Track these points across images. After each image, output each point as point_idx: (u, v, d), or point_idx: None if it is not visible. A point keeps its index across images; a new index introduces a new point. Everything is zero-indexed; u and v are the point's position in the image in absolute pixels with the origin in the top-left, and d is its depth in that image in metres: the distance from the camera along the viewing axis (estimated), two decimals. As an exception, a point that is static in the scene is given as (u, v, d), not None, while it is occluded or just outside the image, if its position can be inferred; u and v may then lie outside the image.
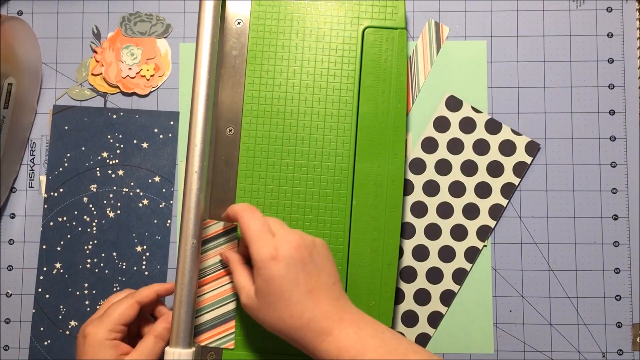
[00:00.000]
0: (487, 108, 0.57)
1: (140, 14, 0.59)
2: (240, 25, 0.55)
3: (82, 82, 0.59)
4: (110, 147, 0.58)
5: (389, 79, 0.54)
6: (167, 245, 0.57)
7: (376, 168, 0.54)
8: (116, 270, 0.57)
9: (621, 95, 0.57)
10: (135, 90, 0.58)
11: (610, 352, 0.56)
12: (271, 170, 0.54)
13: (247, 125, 0.54)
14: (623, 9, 0.58)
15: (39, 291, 0.57)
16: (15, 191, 0.58)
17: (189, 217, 0.48)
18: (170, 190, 0.57)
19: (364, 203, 0.53)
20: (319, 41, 0.54)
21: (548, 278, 0.56)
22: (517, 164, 0.57)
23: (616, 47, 0.58)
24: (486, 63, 0.58)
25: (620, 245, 0.57)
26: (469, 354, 0.56)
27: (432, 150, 0.57)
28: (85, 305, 0.56)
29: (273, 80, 0.54)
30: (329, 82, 0.54)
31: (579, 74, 0.58)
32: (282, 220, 0.54)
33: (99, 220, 0.57)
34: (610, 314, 0.56)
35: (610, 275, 0.56)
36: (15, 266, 0.57)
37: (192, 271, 0.47)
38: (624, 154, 0.57)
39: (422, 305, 0.56)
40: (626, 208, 0.57)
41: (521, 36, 0.58)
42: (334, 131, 0.54)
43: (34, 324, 0.56)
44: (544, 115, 0.57)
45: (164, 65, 0.58)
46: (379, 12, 0.55)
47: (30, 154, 0.58)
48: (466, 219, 0.56)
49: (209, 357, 0.52)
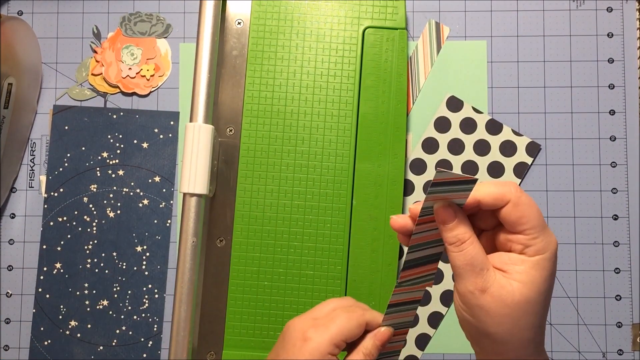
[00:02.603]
0: (487, 108, 0.57)
1: (140, 14, 0.59)
2: (241, 25, 0.55)
3: (82, 82, 0.59)
4: (110, 147, 0.58)
5: (389, 79, 0.54)
6: (167, 245, 0.57)
7: (376, 168, 0.54)
8: (116, 270, 0.57)
9: (621, 95, 0.57)
10: (135, 90, 0.58)
11: (610, 352, 0.56)
12: (271, 170, 0.54)
13: (247, 125, 0.54)
14: (623, 9, 0.58)
15: (39, 291, 0.57)
16: (15, 191, 0.58)
17: (189, 216, 0.48)
18: (170, 190, 0.57)
19: (364, 203, 0.53)
20: (319, 41, 0.54)
21: (548, 278, 0.56)
22: (518, 164, 0.57)
23: (616, 47, 0.58)
24: (486, 63, 0.58)
25: (620, 245, 0.57)
26: (469, 354, 0.56)
27: (433, 151, 0.57)
28: (85, 305, 0.56)
29: (273, 80, 0.54)
30: (329, 82, 0.54)
31: (579, 74, 0.58)
32: (282, 220, 0.54)
33: (99, 220, 0.57)
34: (610, 314, 0.56)
35: (610, 275, 0.56)
36: (15, 266, 0.57)
37: (192, 270, 0.47)
38: (624, 154, 0.57)
39: (422, 306, 0.56)
40: (626, 208, 0.57)
41: (521, 36, 0.58)
42: (334, 131, 0.54)
43: (34, 324, 0.56)
44: (544, 115, 0.57)
45: (164, 65, 0.58)
46: (379, 13, 0.55)
47: (30, 154, 0.58)
48: (466, 219, 0.56)
49: (209, 357, 0.52)
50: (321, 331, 0.37)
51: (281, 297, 0.53)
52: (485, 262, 0.33)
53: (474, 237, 0.33)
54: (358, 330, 0.38)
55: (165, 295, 0.56)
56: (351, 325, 0.38)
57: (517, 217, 0.32)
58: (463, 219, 0.34)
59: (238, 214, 0.53)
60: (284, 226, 0.53)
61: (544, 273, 0.32)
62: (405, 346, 0.55)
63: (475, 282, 0.32)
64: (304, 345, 0.37)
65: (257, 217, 0.53)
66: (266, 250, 0.53)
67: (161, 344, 0.56)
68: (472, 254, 0.33)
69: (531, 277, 0.32)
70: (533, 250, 0.32)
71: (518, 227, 0.33)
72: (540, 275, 0.32)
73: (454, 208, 0.33)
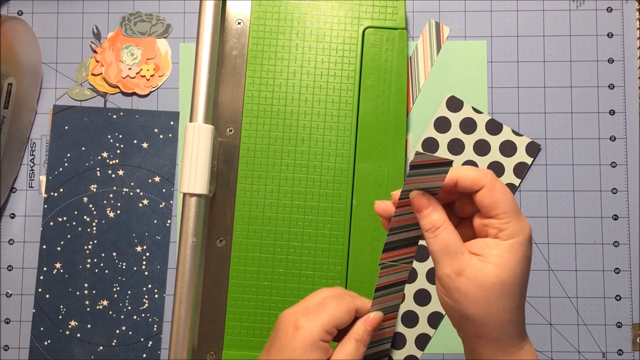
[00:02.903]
0: (487, 108, 0.57)
1: (140, 14, 0.59)
2: (241, 25, 0.55)
3: (82, 82, 0.59)
4: (110, 147, 0.58)
5: (389, 79, 0.54)
6: (167, 245, 0.57)
7: (376, 168, 0.54)
8: (116, 270, 0.57)
9: (621, 95, 0.57)
10: (135, 90, 0.58)
11: (610, 352, 0.56)
12: (271, 170, 0.54)
13: (247, 125, 0.54)
14: (623, 9, 0.58)
15: (39, 291, 0.57)
16: (15, 191, 0.58)
17: (189, 216, 0.48)
18: (170, 190, 0.57)
19: (364, 203, 0.53)
20: (319, 41, 0.54)
21: (548, 278, 0.56)
22: (518, 164, 0.57)
23: (616, 47, 0.58)
24: (486, 63, 0.58)
25: (620, 245, 0.56)
26: (469, 354, 0.56)
27: (433, 151, 0.57)
28: (85, 305, 0.56)
29: (273, 80, 0.54)
30: (329, 82, 0.54)
31: (579, 74, 0.58)
32: (282, 220, 0.54)
33: (99, 220, 0.57)
34: (610, 314, 0.56)
35: (610, 275, 0.56)
36: (15, 266, 0.57)
37: (192, 270, 0.47)
38: (624, 154, 0.57)
39: (422, 306, 0.56)
40: (626, 208, 0.57)
41: (521, 36, 0.58)
42: (334, 131, 0.54)
43: (34, 324, 0.56)
44: (544, 115, 0.57)
45: (164, 65, 0.58)
46: (379, 13, 0.55)
47: (30, 154, 0.58)
48: (466, 219, 0.56)
49: (209, 357, 0.52)
50: (312, 319, 0.38)
51: (281, 297, 0.53)
52: (459, 246, 0.35)
53: (448, 223, 0.35)
54: (348, 317, 0.39)
55: (165, 295, 0.56)
56: (341, 312, 0.39)
57: (491, 202, 0.34)
58: (437, 206, 0.35)
59: (238, 214, 0.53)
60: (284, 226, 0.53)
61: (518, 256, 0.34)
62: (406, 346, 0.55)
63: (452, 266, 0.34)
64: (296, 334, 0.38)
65: (257, 217, 0.53)
66: (266, 250, 0.53)
67: (161, 344, 0.56)
68: (446, 239, 0.35)
69: (505, 260, 0.34)
70: (507, 234, 0.34)
71: (492, 211, 0.34)
72: (514, 258, 0.34)
73: (427, 197, 0.35)
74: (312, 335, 0.38)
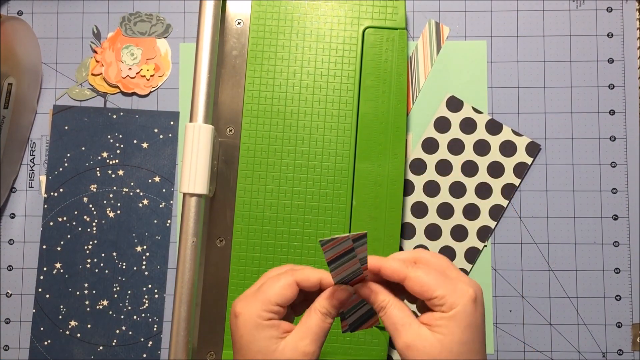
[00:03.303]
0: (487, 108, 0.57)
1: (140, 14, 0.59)
2: (241, 25, 0.55)
3: (82, 82, 0.59)
4: (110, 147, 0.58)
5: (389, 79, 0.54)
6: (167, 245, 0.57)
7: (376, 168, 0.54)
8: (116, 270, 0.57)
9: (621, 95, 0.57)
10: (135, 90, 0.58)
11: (610, 352, 0.56)
12: (271, 170, 0.54)
13: (247, 125, 0.54)
14: (623, 9, 0.58)
15: (39, 291, 0.57)
16: (15, 191, 0.58)
17: (189, 216, 0.48)
18: (170, 190, 0.57)
19: (364, 203, 0.53)
20: (319, 41, 0.54)
21: (548, 278, 0.56)
22: (518, 164, 0.57)
23: (616, 47, 0.58)
24: (486, 63, 0.58)
25: (620, 245, 0.57)
26: (469, 354, 0.56)
27: (433, 151, 0.57)
28: (85, 305, 0.56)
29: (273, 80, 0.54)
30: (329, 82, 0.54)
31: (579, 74, 0.58)
32: (282, 220, 0.54)
33: (99, 220, 0.57)
34: (610, 314, 0.56)
35: (610, 275, 0.56)
36: (15, 266, 0.57)
37: (192, 270, 0.47)
38: (624, 154, 0.57)
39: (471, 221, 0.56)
40: (626, 208, 0.57)
41: (521, 36, 0.58)
42: (334, 131, 0.54)
43: (34, 324, 0.56)
44: (544, 115, 0.57)
45: (164, 65, 0.58)
46: (379, 13, 0.55)
47: (30, 154, 0.58)
48: (466, 220, 0.56)
49: (209, 357, 0.52)
50: (249, 302, 0.39)
51: (281, 297, 0.53)
52: (405, 319, 0.37)
53: (394, 301, 0.37)
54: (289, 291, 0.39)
55: (165, 295, 0.56)
56: (278, 288, 0.39)
57: (420, 290, 0.36)
58: (378, 289, 0.38)
59: (238, 214, 0.53)
60: (284, 226, 0.53)
61: (463, 324, 0.36)
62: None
63: (402, 339, 0.36)
64: (236, 322, 0.39)
65: (257, 217, 0.53)
66: (266, 250, 0.53)
67: (161, 344, 0.56)
68: (393, 315, 0.37)
69: (450, 329, 0.35)
70: (447, 307, 0.36)
71: (424, 295, 0.36)
72: (458, 327, 0.36)
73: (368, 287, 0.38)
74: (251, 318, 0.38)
